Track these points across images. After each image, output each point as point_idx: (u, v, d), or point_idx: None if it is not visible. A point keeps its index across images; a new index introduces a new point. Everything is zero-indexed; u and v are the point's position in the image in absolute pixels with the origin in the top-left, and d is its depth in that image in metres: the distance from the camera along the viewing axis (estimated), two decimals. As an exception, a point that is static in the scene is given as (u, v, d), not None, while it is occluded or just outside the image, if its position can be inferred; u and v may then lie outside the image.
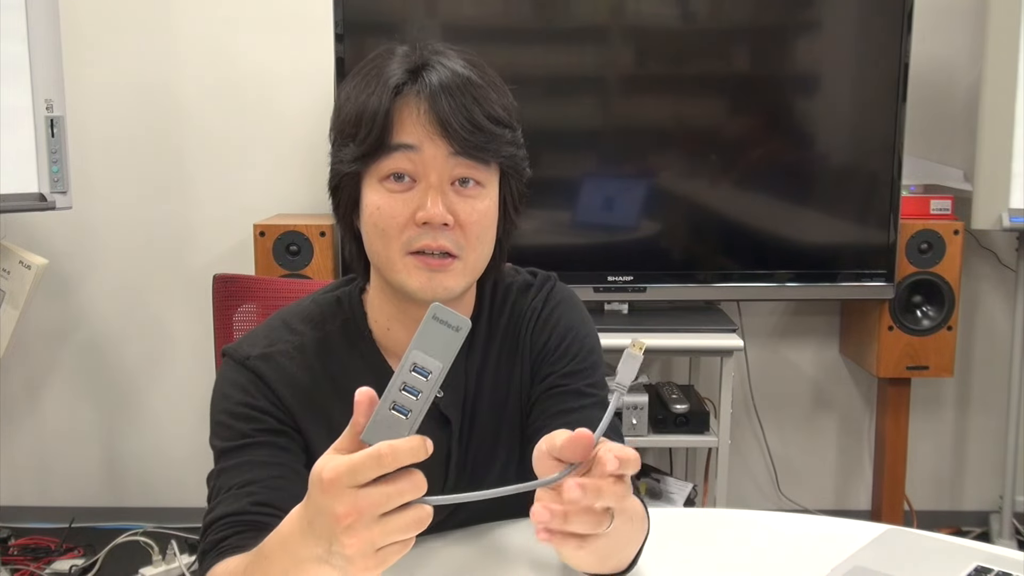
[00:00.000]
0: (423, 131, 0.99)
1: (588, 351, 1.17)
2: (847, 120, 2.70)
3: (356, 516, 0.72)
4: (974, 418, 3.10)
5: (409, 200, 1.00)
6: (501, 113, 1.03)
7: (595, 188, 2.62)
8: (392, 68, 1.02)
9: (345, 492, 0.72)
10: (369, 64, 1.05)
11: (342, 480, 0.72)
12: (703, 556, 1.20)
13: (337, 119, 1.05)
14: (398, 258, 1.02)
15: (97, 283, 3.01)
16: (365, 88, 1.02)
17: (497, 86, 1.05)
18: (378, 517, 0.72)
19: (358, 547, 0.72)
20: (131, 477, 3.09)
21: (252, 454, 1.03)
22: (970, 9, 2.87)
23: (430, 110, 0.99)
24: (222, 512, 1.00)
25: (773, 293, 2.72)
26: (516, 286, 1.19)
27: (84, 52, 2.86)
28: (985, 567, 1.12)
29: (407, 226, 1.01)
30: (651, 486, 2.72)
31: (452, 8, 2.62)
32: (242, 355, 1.08)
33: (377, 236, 1.03)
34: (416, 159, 1.00)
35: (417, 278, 1.01)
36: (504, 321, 1.17)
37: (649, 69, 2.65)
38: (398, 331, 1.10)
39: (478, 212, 1.02)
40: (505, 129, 1.03)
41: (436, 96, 0.99)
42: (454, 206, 1.01)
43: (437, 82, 0.99)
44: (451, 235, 1.01)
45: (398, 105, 1.00)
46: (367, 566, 0.74)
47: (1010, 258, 2.91)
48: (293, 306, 1.16)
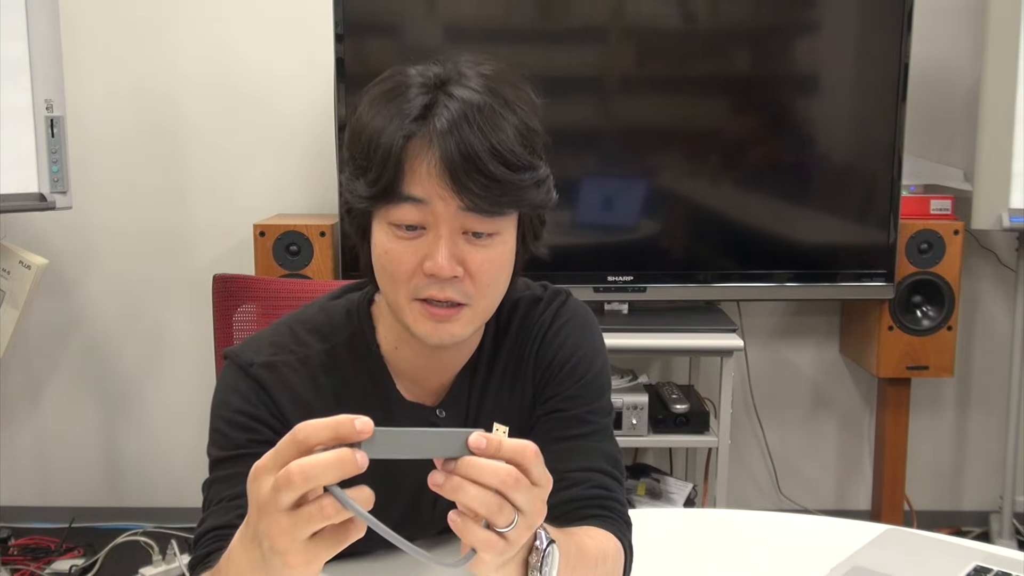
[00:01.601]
0: (433, 185, 0.92)
1: (596, 373, 1.12)
2: (847, 120, 2.70)
3: (271, 502, 0.69)
4: (974, 418, 3.10)
5: (418, 248, 0.95)
6: (521, 154, 0.94)
7: (595, 188, 2.62)
8: (409, 96, 0.95)
9: (265, 479, 0.70)
10: (388, 82, 0.98)
11: (266, 465, 0.71)
12: (703, 556, 1.20)
13: (351, 139, 0.99)
14: (405, 303, 0.98)
15: (97, 283, 3.01)
16: (380, 115, 0.96)
17: (523, 108, 0.97)
18: (291, 505, 0.69)
19: (280, 539, 0.70)
20: (131, 477, 3.09)
21: (246, 466, 0.99)
22: (970, 9, 2.87)
23: (440, 162, 0.91)
24: (211, 525, 0.99)
25: (773, 293, 2.72)
26: (525, 300, 1.14)
27: (84, 52, 2.87)
28: (985, 567, 1.12)
29: (415, 274, 0.96)
30: (651, 486, 2.72)
31: (452, 8, 2.62)
32: (245, 361, 1.05)
33: (385, 277, 0.99)
34: (426, 211, 0.94)
35: (424, 325, 0.98)
36: (511, 338, 1.12)
37: (649, 69, 2.65)
38: (406, 351, 1.07)
39: (489, 262, 0.97)
40: (525, 173, 0.94)
41: (446, 145, 0.91)
42: (464, 255, 0.95)
43: (448, 124, 0.91)
44: (459, 286, 0.96)
45: (409, 152, 0.93)
46: (303, 560, 0.71)
47: (1010, 258, 2.91)
48: (300, 313, 1.12)
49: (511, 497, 0.73)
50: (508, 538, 0.74)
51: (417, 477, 1.09)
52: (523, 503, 0.74)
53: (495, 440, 0.73)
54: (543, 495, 0.76)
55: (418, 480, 1.09)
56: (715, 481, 2.61)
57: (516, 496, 0.73)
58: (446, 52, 1.01)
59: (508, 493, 0.73)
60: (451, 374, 1.10)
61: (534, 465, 0.75)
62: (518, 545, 0.76)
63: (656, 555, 1.11)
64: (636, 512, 1.10)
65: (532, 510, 0.75)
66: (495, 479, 0.72)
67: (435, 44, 2.57)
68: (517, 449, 0.74)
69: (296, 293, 1.68)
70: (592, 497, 1.05)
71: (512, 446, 0.74)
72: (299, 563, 0.71)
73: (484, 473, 0.72)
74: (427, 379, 1.09)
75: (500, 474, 0.73)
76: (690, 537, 1.27)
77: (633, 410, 2.53)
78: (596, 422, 1.11)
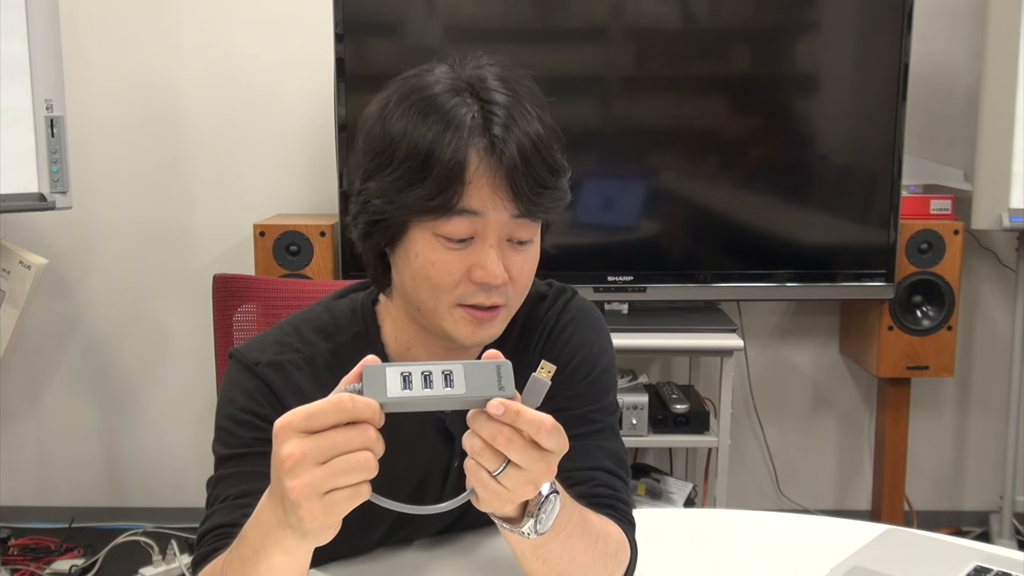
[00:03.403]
0: (491, 196, 0.94)
1: (600, 371, 1.12)
2: (847, 120, 2.70)
3: (298, 458, 0.72)
4: (974, 418, 3.10)
5: (466, 258, 0.97)
6: (560, 160, 0.99)
7: (595, 188, 2.62)
8: (446, 104, 0.95)
9: (293, 435, 0.73)
10: (416, 91, 0.98)
11: (294, 423, 0.73)
12: (703, 556, 1.20)
13: (381, 147, 0.97)
14: (446, 309, 0.99)
15: (97, 283, 3.01)
16: (424, 124, 0.95)
17: (542, 108, 1.00)
18: (320, 463, 0.72)
19: (300, 490, 0.72)
20: (131, 477, 3.09)
21: (251, 464, 1.01)
22: (970, 9, 2.87)
23: (505, 180, 0.94)
24: (216, 523, 0.99)
25: (773, 293, 2.72)
26: (530, 298, 1.13)
27: (84, 52, 2.87)
28: (985, 567, 1.12)
29: (461, 282, 0.97)
30: (651, 486, 2.72)
31: (452, 8, 2.62)
32: (251, 360, 1.05)
33: (427, 287, 0.99)
34: (478, 223, 0.95)
35: (464, 328, 0.99)
36: (515, 333, 1.12)
37: (649, 69, 2.65)
38: (419, 352, 1.07)
39: (528, 263, 1.01)
40: (562, 179, 0.99)
41: (514, 166, 0.94)
42: (508, 262, 0.98)
43: (517, 151, 0.94)
44: (503, 291, 0.99)
45: (472, 167, 0.94)
46: (313, 513, 0.73)
47: (1010, 258, 2.91)
48: (305, 312, 1.12)
49: (506, 453, 0.77)
50: (503, 484, 0.78)
51: (417, 476, 1.10)
52: (520, 460, 0.77)
53: (512, 408, 0.76)
54: (551, 459, 0.79)
55: (419, 478, 1.10)
56: (715, 481, 2.61)
57: (510, 454, 0.77)
58: (444, 52, 1.02)
59: (500, 449, 0.77)
60: None
61: (544, 437, 0.77)
62: (518, 495, 0.80)
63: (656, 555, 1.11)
64: (636, 512, 1.10)
65: (534, 469, 0.78)
66: (488, 435, 0.77)
67: (435, 44, 2.57)
68: (533, 423, 0.77)
69: (296, 293, 1.68)
70: (596, 496, 1.05)
71: (529, 420, 0.77)
72: (317, 513, 0.73)
73: (481, 429, 0.77)
74: None
75: (496, 438, 0.77)
76: (690, 537, 1.27)
77: (633, 410, 2.53)
78: (601, 420, 1.11)
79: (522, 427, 0.76)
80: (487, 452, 0.77)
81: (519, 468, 0.78)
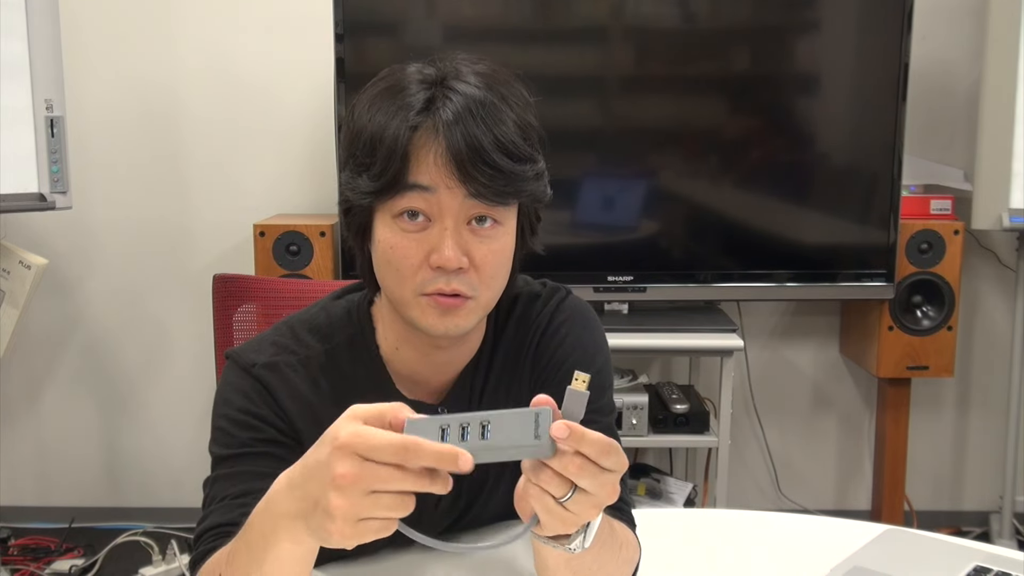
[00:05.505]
0: (440, 173, 0.94)
1: (595, 372, 1.09)
2: (847, 120, 2.70)
3: (352, 481, 0.72)
4: (974, 418, 3.10)
5: (423, 241, 0.96)
6: (522, 146, 0.97)
7: (595, 188, 2.62)
8: (410, 92, 0.97)
9: (353, 457, 0.72)
10: (385, 81, 1.00)
11: (356, 446, 0.72)
12: (703, 556, 1.20)
13: (350, 139, 1.00)
14: (411, 298, 0.99)
15: (97, 283, 3.01)
16: (381, 112, 0.97)
17: (519, 104, 0.99)
18: (370, 492, 0.72)
19: (344, 510, 0.72)
20: (131, 477, 3.09)
21: (249, 464, 1.01)
22: (970, 9, 2.87)
23: (447, 152, 0.93)
24: (214, 522, 0.99)
25: (773, 293, 2.72)
26: (524, 297, 1.14)
27: (84, 52, 2.87)
28: (984, 567, 1.12)
29: (420, 268, 0.97)
30: (651, 486, 2.72)
31: (452, 8, 2.62)
32: (247, 361, 1.06)
33: (390, 273, 0.99)
34: (431, 200, 0.95)
35: (430, 317, 0.99)
36: (509, 334, 1.12)
37: (649, 69, 2.65)
38: (407, 351, 1.07)
39: (493, 253, 0.99)
40: (526, 165, 0.97)
41: (452, 135, 0.93)
42: (469, 247, 0.97)
43: (453, 116, 0.94)
44: (465, 277, 0.97)
45: (415, 143, 0.94)
46: (344, 532, 0.74)
47: (1010, 258, 2.91)
48: (302, 313, 1.12)
49: (576, 481, 0.76)
50: (570, 509, 0.78)
51: None
52: (588, 486, 0.77)
53: (577, 432, 0.75)
54: (615, 478, 0.78)
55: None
56: (715, 481, 2.61)
57: (581, 481, 0.76)
58: (440, 52, 1.02)
59: (572, 478, 0.76)
60: (451, 375, 1.10)
61: (605, 459, 0.77)
62: (583, 519, 0.80)
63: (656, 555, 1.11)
64: (636, 512, 1.10)
65: (601, 492, 0.78)
66: (558, 465, 0.76)
67: (435, 44, 2.57)
68: (596, 445, 0.76)
69: (296, 293, 1.68)
70: None
71: (591, 442, 0.75)
72: (347, 534, 0.74)
73: (539, 477, 0.77)
74: (428, 379, 1.09)
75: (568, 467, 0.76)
76: (690, 537, 1.27)
77: (633, 410, 2.53)
78: (598, 421, 1.09)
79: (585, 450, 0.75)
80: (555, 480, 0.76)
81: (586, 493, 0.77)
